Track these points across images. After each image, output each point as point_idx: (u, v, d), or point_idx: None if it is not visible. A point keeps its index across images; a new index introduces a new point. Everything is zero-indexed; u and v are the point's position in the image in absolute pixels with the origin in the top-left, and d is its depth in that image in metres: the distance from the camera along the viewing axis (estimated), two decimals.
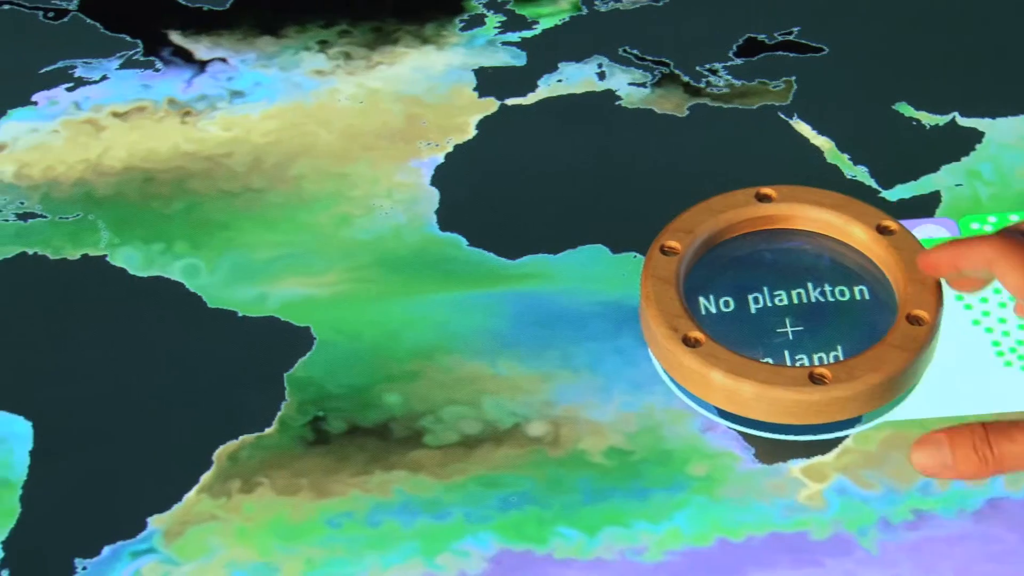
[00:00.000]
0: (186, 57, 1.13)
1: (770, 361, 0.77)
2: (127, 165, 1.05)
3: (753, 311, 0.80)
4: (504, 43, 1.13)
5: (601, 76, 1.11)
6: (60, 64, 1.12)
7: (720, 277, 0.81)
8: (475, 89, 1.10)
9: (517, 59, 1.12)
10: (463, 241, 1.00)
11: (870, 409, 0.76)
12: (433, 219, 1.01)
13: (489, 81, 1.10)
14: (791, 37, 1.13)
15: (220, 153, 1.06)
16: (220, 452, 0.89)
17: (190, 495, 0.87)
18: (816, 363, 0.77)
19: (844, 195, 0.82)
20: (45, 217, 1.01)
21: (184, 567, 0.84)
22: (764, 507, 0.85)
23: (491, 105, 1.09)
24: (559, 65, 1.11)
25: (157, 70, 1.11)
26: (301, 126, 1.07)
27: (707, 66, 1.11)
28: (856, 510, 0.85)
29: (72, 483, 0.88)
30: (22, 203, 1.02)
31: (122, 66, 1.12)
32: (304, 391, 0.92)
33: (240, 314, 0.96)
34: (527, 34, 1.14)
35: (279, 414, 0.91)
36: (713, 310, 0.80)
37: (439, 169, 1.04)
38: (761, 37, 1.13)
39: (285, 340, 0.94)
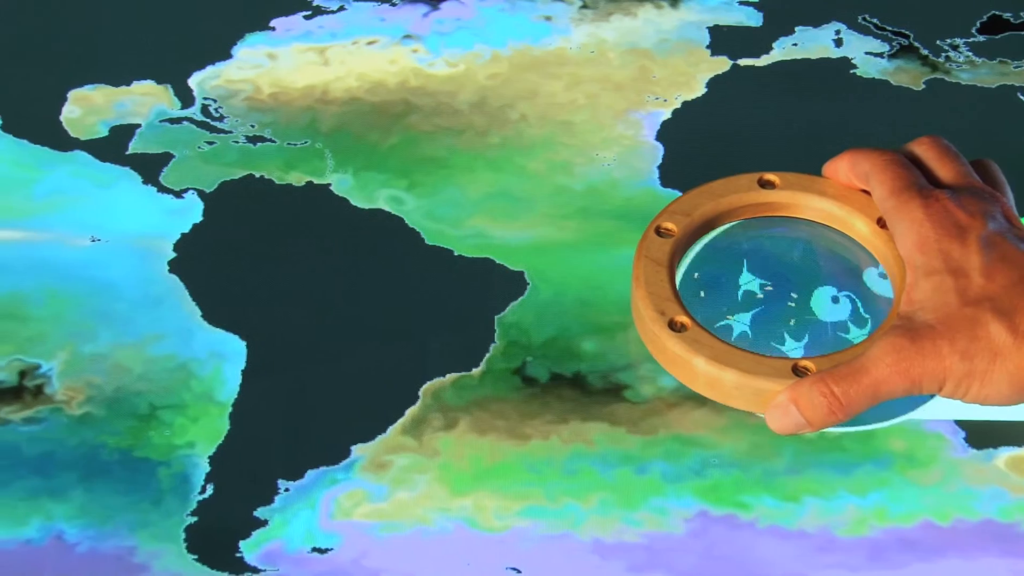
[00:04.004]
0: None
1: (778, 349, 0.75)
2: (354, 96, 1.06)
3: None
4: (741, 3, 1.12)
5: (838, 43, 1.09)
6: None
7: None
8: (708, 47, 1.09)
9: (753, 20, 1.11)
10: None
11: None
12: (655, 174, 1.00)
13: (723, 40, 1.09)
14: None
15: (445, 90, 1.06)
16: (426, 388, 0.89)
17: (394, 427, 0.88)
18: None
19: (848, 186, 0.79)
20: (273, 142, 1.03)
21: (382, 498, 0.85)
22: (972, 493, 0.84)
23: (723, 64, 1.08)
24: (796, 29, 1.10)
25: (394, 4, 1.12)
26: (528, 70, 1.07)
27: (948, 41, 1.09)
28: None
29: (280, 405, 0.89)
30: (252, 126, 1.04)
31: None
32: (512, 335, 0.92)
33: (456, 252, 0.96)
34: None
35: (487, 356, 0.91)
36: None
37: (665, 124, 1.03)
38: (1006, 16, 1.11)
39: (498, 282, 0.95)
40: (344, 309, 0.94)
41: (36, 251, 0.96)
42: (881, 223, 0.78)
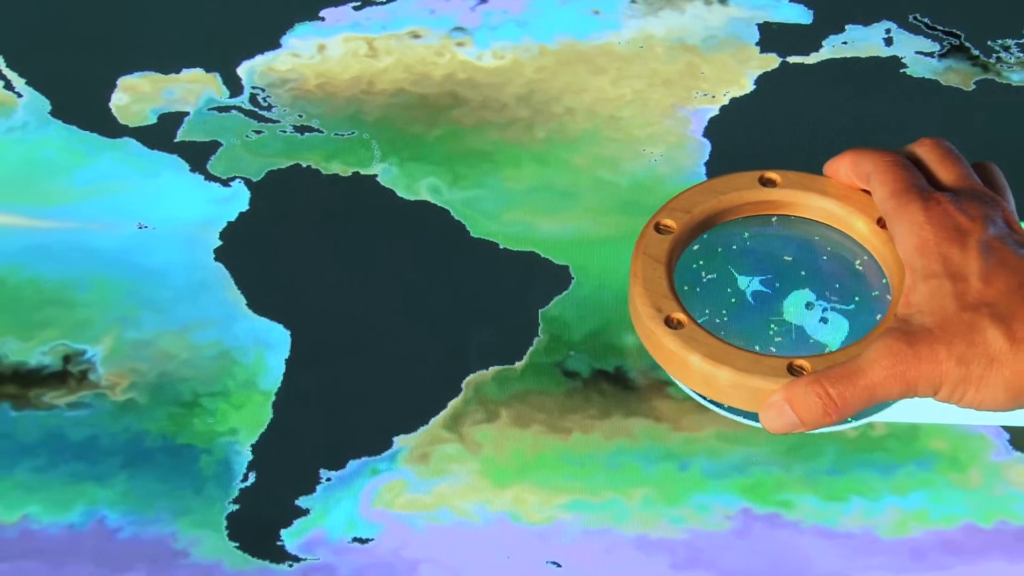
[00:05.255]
0: None
1: (757, 349, 0.75)
2: (400, 88, 1.06)
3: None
4: (794, 0, 1.12)
5: (888, 42, 1.08)
6: None
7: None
8: (757, 44, 1.08)
9: (803, 17, 1.10)
10: None
11: None
12: (701, 170, 1.00)
13: (772, 37, 1.09)
14: None
15: (492, 83, 1.06)
16: (469, 380, 0.90)
17: (436, 420, 0.88)
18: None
19: (849, 185, 0.79)
20: (321, 132, 1.03)
21: (423, 489, 0.85)
22: (1016, 496, 0.84)
23: (772, 61, 1.07)
24: (846, 27, 1.09)
25: None
26: (576, 64, 1.07)
27: (999, 41, 1.08)
28: None
29: (323, 395, 0.89)
30: (300, 116, 1.04)
31: None
32: (555, 329, 0.92)
33: (501, 246, 0.96)
34: None
35: (530, 350, 0.91)
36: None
37: (712, 121, 1.03)
38: None
39: (542, 276, 0.95)
40: (388, 300, 0.94)
41: (83, 237, 0.96)
42: (881, 223, 0.77)
